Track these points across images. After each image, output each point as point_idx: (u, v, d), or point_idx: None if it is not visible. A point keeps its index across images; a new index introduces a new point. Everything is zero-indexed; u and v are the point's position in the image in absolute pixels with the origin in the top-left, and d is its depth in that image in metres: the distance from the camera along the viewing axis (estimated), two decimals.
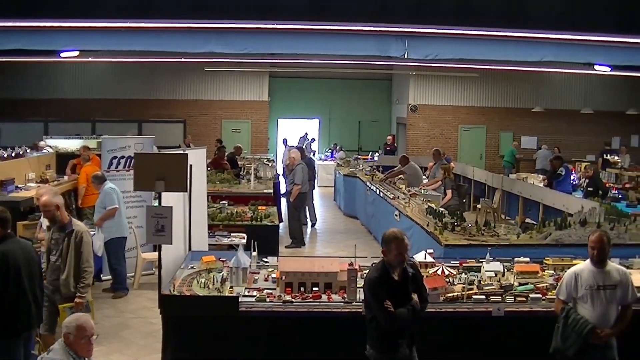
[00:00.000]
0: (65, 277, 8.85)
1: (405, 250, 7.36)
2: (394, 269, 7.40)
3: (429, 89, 33.54)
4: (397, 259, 7.34)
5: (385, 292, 7.32)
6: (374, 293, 7.41)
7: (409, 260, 7.72)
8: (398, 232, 7.60)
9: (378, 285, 7.38)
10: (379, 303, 7.34)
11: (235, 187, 19.28)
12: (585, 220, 13.06)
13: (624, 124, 33.55)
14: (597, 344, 7.72)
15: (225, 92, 33.55)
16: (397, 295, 7.33)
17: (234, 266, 9.19)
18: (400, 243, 7.32)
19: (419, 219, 14.58)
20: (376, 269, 7.55)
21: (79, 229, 9.01)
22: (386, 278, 7.39)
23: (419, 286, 7.55)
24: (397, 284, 7.40)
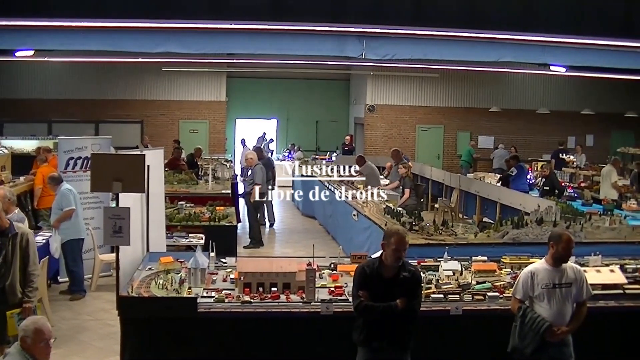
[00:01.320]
0: (12, 283, 8.48)
1: (403, 249, 7.36)
2: (387, 266, 7.42)
3: (386, 89, 33.66)
4: (393, 255, 7.35)
5: (368, 285, 7.39)
6: (355, 279, 7.56)
7: (410, 267, 7.68)
8: (401, 228, 7.86)
9: (362, 274, 7.50)
10: (354, 289, 7.49)
11: (193, 188, 19.23)
12: (541, 219, 13.18)
13: (579, 124, 34.05)
14: (554, 341, 7.80)
15: (182, 93, 33.40)
16: (380, 292, 7.35)
17: (192, 267, 9.16)
18: (400, 239, 7.35)
19: (377, 218, 14.63)
20: (370, 260, 7.71)
21: (23, 231, 8.73)
22: (375, 271, 7.45)
23: (409, 294, 7.43)
24: (385, 281, 7.42)
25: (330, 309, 8.47)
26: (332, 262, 10.20)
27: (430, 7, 12.64)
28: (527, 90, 34.56)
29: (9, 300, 8.49)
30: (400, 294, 7.35)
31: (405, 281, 7.42)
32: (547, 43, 13.95)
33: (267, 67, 28.96)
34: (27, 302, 8.55)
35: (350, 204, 16.93)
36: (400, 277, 7.42)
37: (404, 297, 7.34)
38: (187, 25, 12.00)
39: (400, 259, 7.38)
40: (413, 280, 7.51)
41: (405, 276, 7.43)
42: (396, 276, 7.43)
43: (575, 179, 25.57)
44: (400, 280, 7.41)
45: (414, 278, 7.54)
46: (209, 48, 14.24)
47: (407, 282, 7.42)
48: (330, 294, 8.86)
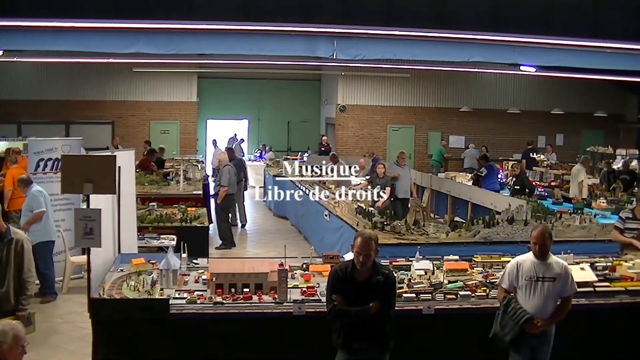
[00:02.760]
0: (5, 290, 8.35)
1: (365, 252, 7.28)
2: (358, 269, 7.38)
3: (357, 89, 33.70)
4: (356, 258, 7.33)
5: (341, 288, 7.38)
6: (328, 282, 7.56)
7: (384, 269, 7.64)
8: (368, 232, 7.67)
9: (335, 277, 7.48)
10: (327, 293, 7.49)
11: (164, 189, 19.17)
12: (512, 218, 13.31)
13: (550, 124, 34.32)
14: (534, 333, 7.92)
15: (153, 93, 33.25)
16: (353, 296, 7.33)
17: (164, 268, 9.13)
18: (362, 242, 7.30)
19: (349, 218, 14.66)
20: (343, 263, 7.69)
21: (19, 237, 8.58)
22: (348, 275, 7.42)
23: (383, 297, 7.38)
24: (358, 284, 7.38)
25: (302, 309, 8.47)
26: (304, 263, 10.20)
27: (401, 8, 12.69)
28: (498, 90, 34.77)
29: (2, 307, 8.34)
30: (373, 297, 7.32)
31: (379, 285, 7.38)
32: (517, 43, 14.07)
33: (239, 68, 28.88)
34: (21, 310, 8.42)
35: (322, 204, 16.94)
36: (373, 281, 7.38)
37: (377, 300, 7.31)
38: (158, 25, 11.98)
39: (363, 263, 7.32)
40: (387, 284, 7.45)
41: (379, 279, 7.39)
42: (369, 279, 7.39)
43: (546, 178, 25.76)
44: (374, 284, 7.37)
45: (388, 281, 7.48)
46: (180, 48, 14.21)
47: (380, 286, 7.38)
48: (302, 294, 8.85)
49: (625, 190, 20.56)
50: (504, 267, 9.60)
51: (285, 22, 12.39)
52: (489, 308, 8.74)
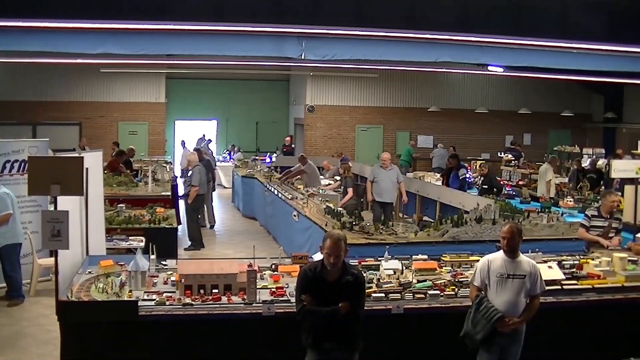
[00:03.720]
0: None
1: (335, 253, 7.30)
2: (328, 270, 7.40)
3: (326, 89, 33.73)
4: (326, 259, 7.36)
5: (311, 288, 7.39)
6: (297, 282, 7.58)
7: (354, 270, 7.67)
8: (337, 233, 7.73)
9: (305, 277, 7.50)
10: (297, 292, 7.50)
11: (132, 190, 19.05)
12: (481, 217, 13.38)
13: (517, 123, 34.53)
14: (505, 331, 7.99)
15: (121, 94, 33.01)
16: (323, 296, 7.35)
17: (132, 270, 9.09)
18: (332, 244, 7.33)
19: (318, 218, 14.67)
20: (313, 263, 7.71)
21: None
22: (317, 275, 7.44)
23: (352, 298, 7.40)
24: (328, 284, 7.40)
25: (271, 310, 8.47)
26: (273, 263, 10.19)
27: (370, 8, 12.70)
28: (466, 90, 34.96)
29: None
30: (343, 297, 7.34)
31: (348, 285, 7.41)
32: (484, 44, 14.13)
33: (207, 68, 28.76)
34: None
35: (291, 204, 16.96)
36: (343, 281, 7.41)
37: (346, 301, 7.33)
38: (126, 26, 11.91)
39: (334, 264, 7.35)
40: (356, 284, 7.48)
41: (349, 280, 7.42)
42: (339, 280, 7.42)
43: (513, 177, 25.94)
44: (343, 284, 7.39)
45: (358, 282, 7.51)
46: (148, 49, 14.17)
47: (350, 286, 7.41)
48: (271, 294, 8.85)
49: (592, 189, 20.75)
50: (473, 266, 9.70)
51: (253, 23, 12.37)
52: (457, 307, 8.80)
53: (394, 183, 18.58)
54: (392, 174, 18.70)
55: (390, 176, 18.63)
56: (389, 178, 18.57)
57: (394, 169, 19.07)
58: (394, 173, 18.76)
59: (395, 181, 18.59)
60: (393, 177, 18.64)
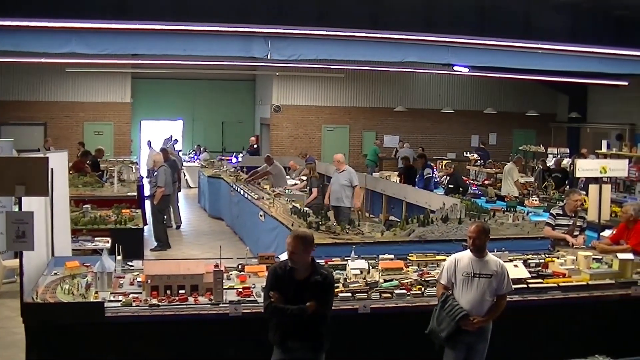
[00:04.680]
0: None
1: (292, 249, 7.38)
2: (296, 268, 7.46)
3: (292, 89, 33.72)
4: (288, 257, 7.45)
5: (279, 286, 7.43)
6: (267, 280, 7.66)
7: (324, 270, 7.70)
8: (298, 231, 8.00)
9: (274, 275, 7.54)
10: (265, 290, 7.55)
11: (98, 191, 18.94)
12: (447, 216, 13.45)
13: (483, 123, 34.75)
14: (470, 330, 8.03)
15: (87, 94, 32.76)
16: (291, 294, 7.38)
17: (98, 271, 9.04)
18: (289, 240, 7.45)
19: (284, 218, 14.66)
20: (283, 262, 7.72)
21: None
22: (286, 273, 7.47)
23: (319, 297, 7.42)
24: (297, 283, 7.44)
25: (238, 310, 8.45)
26: (239, 263, 10.17)
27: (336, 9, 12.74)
28: (432, 90, 35.11)
29: None
30: (310, 297, 7.35)
31: (317, 285, 7.42)
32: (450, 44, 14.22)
33: (173, 68, 28.70)
34: None
35: (257, 204, 16.95)
36: (311, 280, 7.43)
37: (314, 300, 7.35)
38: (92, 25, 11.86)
39: (292, 261, 7.43)
40: (324, 284, 7.50)
41: (317, 279, 7.44)
42: (308, 279, 7.44)
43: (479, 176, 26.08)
44: (312, 284, 7.41)
45: (326, 282, 7.53)
46: (114, 48, 14.11)
47: (318, 286, 7.43)
48: (238, 295, 8.84)
49: (557, 188, 20.89)
50: (439, 265, 9.75)
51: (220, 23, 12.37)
52: (424, 306, 8.83)
53: (344, 186, 17.48)
54: (342, 176, 17.70)
55: (340, 179, 17.71)
56: (338, 181, 17.62)
57: (346, 171, 17.80)
58: (345, 175, 17.69)
59: (346, 184, 17.49)
60: (343, 180, 17.57)
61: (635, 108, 30.28)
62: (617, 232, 12.38)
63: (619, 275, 10.27)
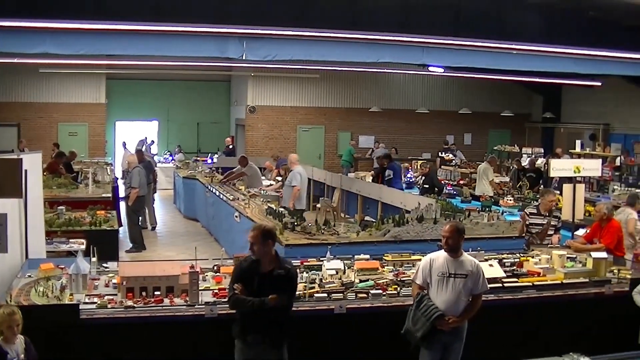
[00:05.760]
0: None
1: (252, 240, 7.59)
2: (261, 262, 7.64)
3: (267, 90, 33.64)
4: (249, 248, 7.66)
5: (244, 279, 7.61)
6: (233, 271, 7.89)
7: (287, 264, 7.86)
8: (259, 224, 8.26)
9: (240, 267, 7.77)
10: (230, 282, 7.73)
11: (72, 192, 18.83)
12: (422, 216, 13.49)
13: (458, 123, 34.87)
14: (445, 329, 8.06)
15: (61, 95, 32.47)
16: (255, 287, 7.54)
17: (73, 273, 9.00)
18: (250, 233, 7.66)
19: (259, 219, 14.62)
20: (250, 255, 7.81)
21: None
22: (251, 266, 7.66)
23: (282, 291, 7.59)
24: (260, 276, 7.60)
25: (214, 311, 8.45)
26: (215, 264, 10.17)
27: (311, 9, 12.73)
28: (407, 91, 35.17)
29: None
30: (273, 290, 7.52)
31: (280, 278, 7.62)
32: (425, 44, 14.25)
33: (148, 69, 28.52)
34: None
35: (232, 205, 16.93)
36: (275, 274, 7.62)
37: (276, 293, 7.51)
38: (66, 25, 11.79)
39: (253, 252, 7.64)
40: (287, 278, 7.70)
41: (280, 273, 7.64)
42: (271, 272, 7.63)
43: (454, 176, 26.17)
44: (275, 277, 7.60)
45: (289, 276, 7.73)
46: (88, 49, 14.01)
47: (281, 279, 7.62)
48: (214, 296, 8.85)
49: (531, 187, 21.01)
50: (415, 265, 9.78)
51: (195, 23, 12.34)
52: (400, 306, 8.87)
53: (287, 187, 17.60)
54: (289, 177, 17.88)
55: (288, 179, 17.91)
56: (288, 182, 17.69)
57: (292, 172, 17.83)
58: (290, 176, 17.79)
59: (288, 184, 17.59)
60: (287, 181, 17.71)
61: (609, 108, 30.49)
62: (591, 231, 12.49)
63: (593, 273, 10.38)
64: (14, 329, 6.95)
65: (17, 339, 7.02)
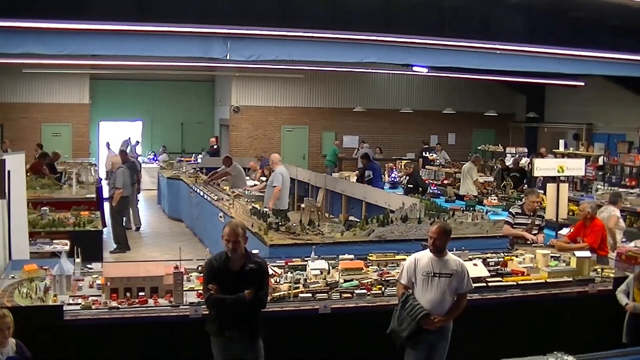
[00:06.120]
0: None
1: (234, 238, 7.63)
2: (232, 258, 7.70)
3: (251, 90, 33.63)
4: (226, 246, 7.69)
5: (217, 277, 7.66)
6: (204, 273, 7.91)
7: (257, 258, 7.98)
8: (234, 221, 8.33)
9: (211, 267, 7.79)
10: (204, 282, 7.78)
11: (56, 193, 18.76)
12: (406, 216, 13.50)
13: (442, 123, 34.95)
14: (431, 329, 8.08)
15: (44, 95, 32.33)
16: (229, 284, 7.59)
17: (57, 274, 8.97)
18: (229, 230, 7.70)
19: (243, 219, 14.61)
20: (218, 254, 7.92)
21: None
22: (222, 264, 7.73)
23: (256, 284, 7.68)
24: (232, 273, 7.67)
25: (198, 312, 8.43)
26: (199, 265, 10.13)
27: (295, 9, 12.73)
28: (391, 91, 35.24)
29: None
30: (247, 285, 7.61)
31: (252, 272, 7.72)
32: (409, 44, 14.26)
33: (132, 69, 28.44)
34: None
35: (217, 205, 16.91)
36: (246, 269, 7.71)
37: (251, 288, 7.60)
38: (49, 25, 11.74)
39: (233, 250, 7.67)
40: (259, 272, 7.80)
41: (252, 267, 7.74)
42: (243, 268, 7.72)
43: (438, 176, 26.22)
44: (247, 272, 7.70)
45: (260, 269, 7.84)
46: (72, 49, 13.94)
47: (253, 274, 7.72)
48: (198, 296, 8.81)
49: (515, 187, 21.08)
50: (399, 265, 9.80)
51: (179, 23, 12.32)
52: (385, 306, 8.88)
53: (269, 186, 17.39)
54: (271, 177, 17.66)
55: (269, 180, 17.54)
56: (269, 182, 17.47)
57: (274, 172, 17.48)
58: (272, 176, 17.52)
59: (269, 184, 17.36)
60: (269, 181, 17.51)
61: (592, 108, 30.60)
62: (575, 230, 12.54)
63: (577, 272, 10.42)
64: (5, 332, 6.95)
65: (8, 343, 7.00)
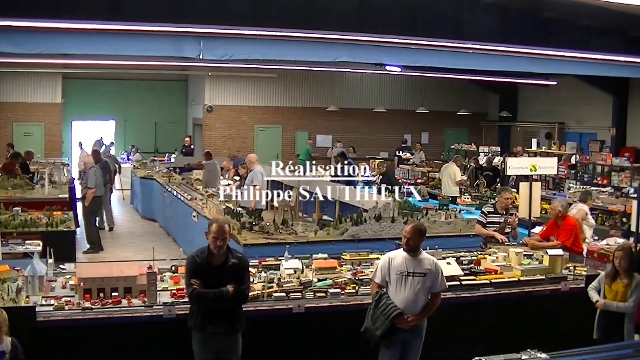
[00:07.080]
0: None
1: (221, 237, 7.70)
2: (214, 254, 7.75)
3: (225, 89, 33.60)
4: (213, 243, 7.72)
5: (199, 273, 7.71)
6: (186, 268, 7.92)
7: (238, 253, 8.08)
8: (221, 218, 8.57)
9: (193, 262, 7.83)
10: (186, 278, 7.81)
11: (28, 193, 18.62)
12: (380, 215, 13.52)
13: (415, 122, 35.01)
14: (405, 328, 8.12)
15: (16, 94, 32.10)
16: (211, 279, 7.67)
17: (29, 275, 8.91)
18: (218, 228, 7.73)
19: None
20: (200, 249, 7.93)
21: None
22: (204, 260, 7.78)
23: (238, 279, 7.78)
24: (214, 268, 7.74)
25: (172, 312, 8.42)
26: (173, 265, 10.12)
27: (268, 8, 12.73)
28: (364, 90, 35.29)
29: None
30: (229, 280, 7.70)
31: (234, 267, 7.81)
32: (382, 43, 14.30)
33: (104, 68, 28.33)
34: None
35: (190, 205, 16.87)
36: (228, 264, 7.79)
37: (233, 282, 7.70)
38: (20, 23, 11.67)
39: (220, 247, 7.73)
40: (241, 266, 7.90)
41: (234, 262, 7.83)
42: (225, 263, 7.80)
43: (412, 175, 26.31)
44: (229, 267, 7.78)
45: (242, 264, 7.94)
46: (43, 48, 13.86)
47: (235, 268, 7.81)
48: (172, 296, 8.81)
49: (489, 186, 21.19)
50: (373, 264, 9.81)
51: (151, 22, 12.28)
52: (359, 305, 8.91)
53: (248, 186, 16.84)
54: (249, 176, 17.43)
55: (248, 179, 17.32)
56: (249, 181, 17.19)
57: (252, 171, 17.35)
58: (250, 175, 17.33)
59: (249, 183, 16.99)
60: (248, 180, 17.22)
61: (564, 107, 30.77)
62: (547, 229, 12.61)
63: (549, 270, 10.48)
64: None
65: (3, 340, 7.04)
